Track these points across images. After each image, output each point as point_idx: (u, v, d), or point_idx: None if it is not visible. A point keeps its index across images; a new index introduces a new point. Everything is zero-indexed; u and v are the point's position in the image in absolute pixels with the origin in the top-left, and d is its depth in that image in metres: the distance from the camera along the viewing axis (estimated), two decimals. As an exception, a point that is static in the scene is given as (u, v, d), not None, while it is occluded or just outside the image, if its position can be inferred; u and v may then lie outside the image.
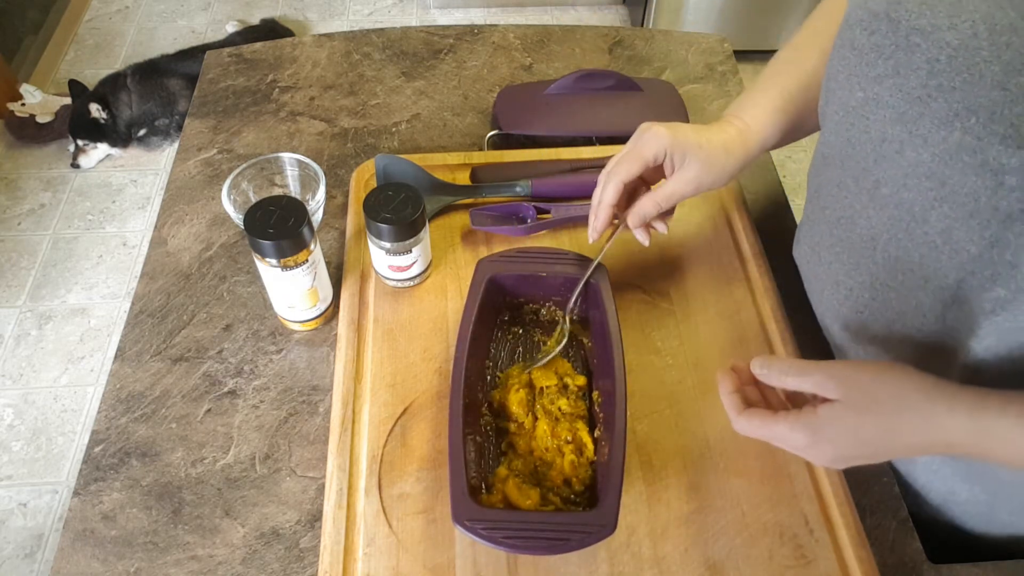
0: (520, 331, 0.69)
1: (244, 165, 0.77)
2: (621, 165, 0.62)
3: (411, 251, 0.69)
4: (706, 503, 0.60)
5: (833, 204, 0.58)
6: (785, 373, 0.49)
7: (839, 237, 0.58)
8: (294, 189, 0.82)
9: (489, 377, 0.66)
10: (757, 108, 0.65)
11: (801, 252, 0.67)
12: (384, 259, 0.70)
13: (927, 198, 0.47)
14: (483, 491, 0.58)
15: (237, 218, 0.74)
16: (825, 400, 0.47)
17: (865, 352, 0.59)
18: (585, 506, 0.58)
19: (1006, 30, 0.40)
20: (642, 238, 0.65)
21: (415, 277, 0.73)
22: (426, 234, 0.70)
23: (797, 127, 0.66)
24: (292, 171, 0.80)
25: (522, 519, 0.54)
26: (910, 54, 0.45)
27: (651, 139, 0.61)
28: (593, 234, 0.64)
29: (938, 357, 0.52)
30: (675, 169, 0.62)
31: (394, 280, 0.73)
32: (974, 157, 0.42)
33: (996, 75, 0.41)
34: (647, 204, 0.62)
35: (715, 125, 0.64)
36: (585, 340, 0.69)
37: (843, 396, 0.46)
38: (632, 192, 0.64)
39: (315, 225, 0.81)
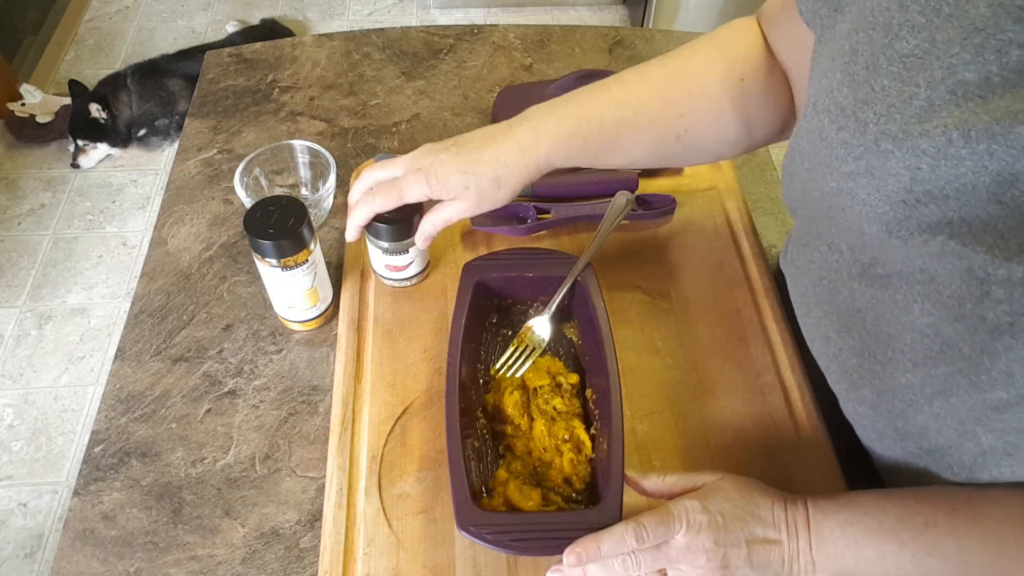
0: (509, 333, 0.69)
1: (255, 152, 0.78)
2: (379, 197, 0.63)
3: (408, 251, 0.69)
4: (706, 503, 0.60)
5: (820, 260, 0.55)
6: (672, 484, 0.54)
7: (824, 296, 0.55)
8: (304, 176, 0.83)
9: (481, 380, 0.66)
10: (558, 125, 0.62)
11: (789, 275, 0.64)
12: (382, 258, 0.70)
13: (912, 290, 0.44)
14: (484, 495, 0.58)
15: (248, 202, 0.75)
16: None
17: (855, 411, 0.57)
18: (587, 504, 0.57)
19: (983, 137, 0.37)
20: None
21: (412, 277, 0.73)
22: None
23: (594, 157, 0.64)
24: (303, 158, 0.82)
25: (526, 521, 0.54)
26: (883, 159, 0.42)
27: (413, 187, 0.62)
28: (349, 236, 0.67)
29: (938, 437, 0.49)
30: (445, 199, 0.63)
31: (391, 280, 0.73)
32: (960, 261, 0.40)
33: (990, 187, 0.38)
34: (427, 225, 0.66)
35: (495, 142, 0.62)
36: (574, 338, 0.69)
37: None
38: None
39: (326, 211, 0.81)
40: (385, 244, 0.68)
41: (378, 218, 0.66)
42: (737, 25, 0.65)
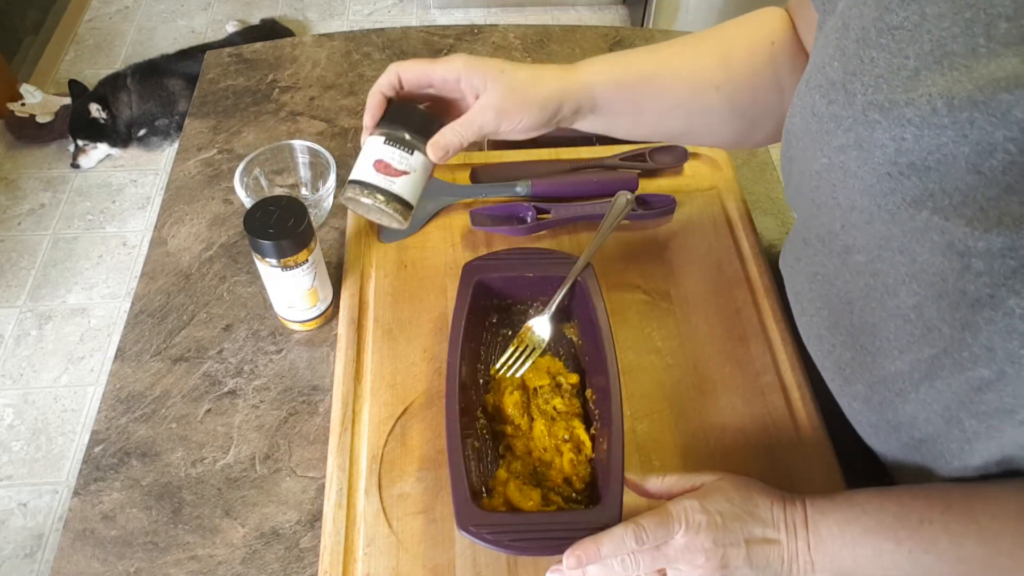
0: (509, 333, 0.69)
1: (255, 152, 0.79)
2: (409, 62, 0.59)
3: (412, 154, 0.58)
4: (706, 503, 0.60)
5: (808, 258, 0.56)
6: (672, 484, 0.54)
7: (817, 293, 0.55)
8: (304, 176, 0.83)
9: (481, 380, 0.66)
10: (596, 63, 0.62)
11: (786, 275, 0.64)
12: (376, 151, 0.58)
13: (898, 272, 0.45)
14: (484, 495, 0.58)
15: (248, 202, 0.75)
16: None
17: (850, 407, 0.57)
18: (587, 504, 0.58)
19: (966, 105, 0.38)
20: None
21: (398, 203, 0.58)
22: (423, 167, 0.60)
23: (631, 97, 0.63)
24: (303, 158, 0.82)
25: (526, 521, 0.54)
26: (871, 129, 0.43)
27: (447, 61, 0.59)
28: (367, 119, 0.60)
29: (926, 426, 0.49)
30: (477, 97, 0.58)
31: (372, 188, 0.58)
32: (942, 237, 0.41)
33: (968, 157, 0.38)
34: (448, 133, 0.58)
35: (537, 65, 0.62)
36: (574, 338, 0.69)
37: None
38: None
39: (326, 211, 0.81)
40: (396, 128, 0.58)
41: (397, 104, 0.59)
42: (768, 9, 0.65)
